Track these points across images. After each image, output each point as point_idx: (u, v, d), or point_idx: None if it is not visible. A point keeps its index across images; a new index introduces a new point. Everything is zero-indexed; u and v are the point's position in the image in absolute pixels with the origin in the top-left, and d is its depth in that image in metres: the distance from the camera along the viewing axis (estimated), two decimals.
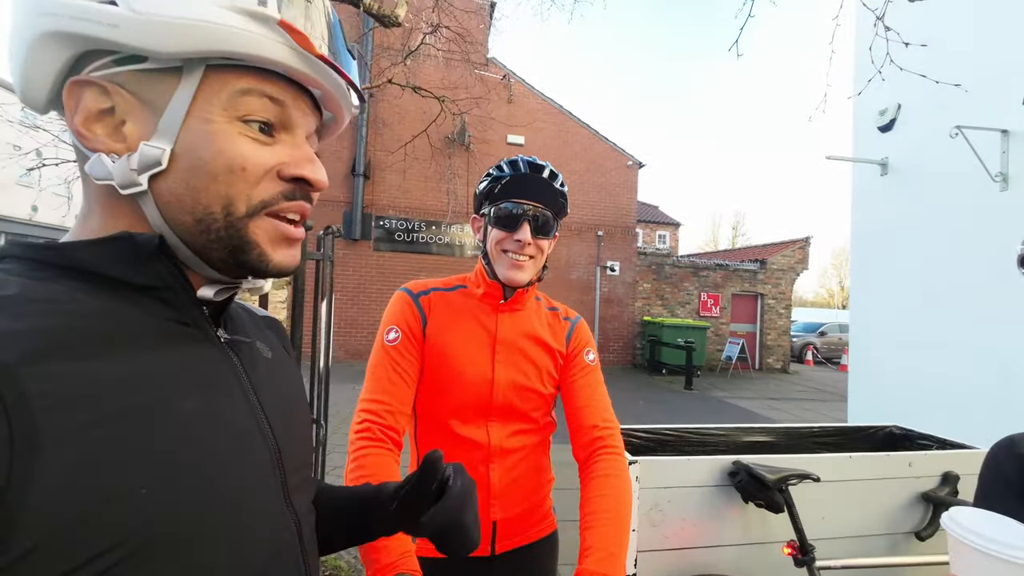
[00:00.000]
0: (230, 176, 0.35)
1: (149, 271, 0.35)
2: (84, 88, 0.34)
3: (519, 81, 10.15)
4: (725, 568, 1.42)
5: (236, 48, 0.34)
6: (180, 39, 0.32)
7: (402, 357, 0.85)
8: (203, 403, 0.36)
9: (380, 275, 9.35)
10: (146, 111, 0.34)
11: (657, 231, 23.23)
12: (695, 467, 1.46)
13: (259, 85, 0.36)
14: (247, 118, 0.36)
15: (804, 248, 11.82)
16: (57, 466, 0.27)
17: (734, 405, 7.19)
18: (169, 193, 0.35)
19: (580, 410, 0.90)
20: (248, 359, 0.43)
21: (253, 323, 0.50)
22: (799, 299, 37.23)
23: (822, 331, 15.18)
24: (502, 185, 0.87)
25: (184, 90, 0.34)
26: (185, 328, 0.38)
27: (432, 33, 2.76)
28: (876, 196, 4.62)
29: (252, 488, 0.38)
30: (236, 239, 0.37)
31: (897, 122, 4.52)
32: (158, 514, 0.30)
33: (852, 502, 1.54)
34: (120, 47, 0.33)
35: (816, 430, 1.99)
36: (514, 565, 0.90)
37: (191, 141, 0.35)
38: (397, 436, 0.80)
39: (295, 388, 0.51)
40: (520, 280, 0.88)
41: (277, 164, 0.37)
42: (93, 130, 0.34)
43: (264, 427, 0.41)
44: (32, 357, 0.28)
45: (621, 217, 10.66)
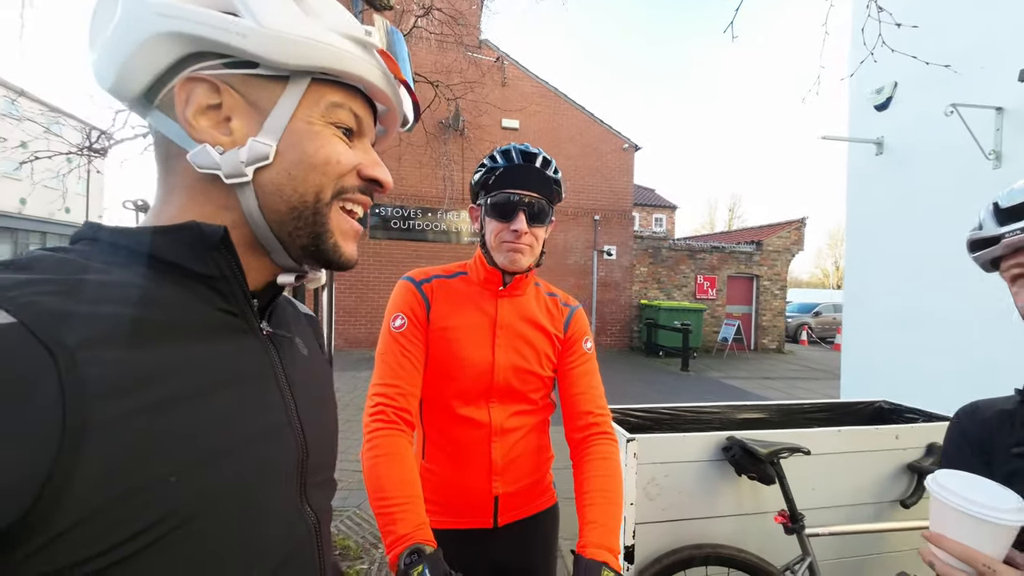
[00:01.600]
0: (326, 167, 0.40)
1: (209, 260, 0.37)
2: (197, 84, 0.37)
3: (513, 63, 9.97)
4: (720, 537, 1.49)
5: (344, 67, 0.39)
6: (300, 54, 0.37)
7: (409, 342, 0.88)
8: (239, 395, 0.37)
9: (377, 263, 9.34)
10: (251, 110, 0.39)
11: (654, 214, 23.18)
12: (690, 443, 1.51)
13: (348, 101, 0.42)
14: (337, 124, 0.42)
15: (800, 229, 11.85)
16: (101, 454, 0.28)
17: (729, 385, 7.32)
18: (270, 183, 0.39)
19: (576, 396, 0.95)
20: (287, 354, 0.45)
21: (295, 318, 0.52)
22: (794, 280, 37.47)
23: (817, 311, 15.35)
24: (496, 176, 0.88)
25: (290, 96, 0.39)
26: (232, 318, 0.39)
27: (424, 16, 2.71)
28: (871, 175, 4.64)
29: (274, 484, 0.39)
30: (319, 226, 0.41)
31: (893, 101, 4.51)
32: (183, 504, 0.31)
33: (841, 473, 1.61)
34: (241, 54, 0.36)
35: (807, 406, 2.05)
36: (517, 535, 0.95)
37: (295, 139, 0.39)
38: (409, 417, 0.84)
39: (327, 387, 0.52)
40: (520, 265, 0.91)
41: (359, 163, 0.43)
42: (200, 122, 0.37)
43: (295, 423, 0.42)
44: (92, 341, 0.29)
45: (617, 201, 10.63)
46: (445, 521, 0.90)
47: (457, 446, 0.91)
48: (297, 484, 0.42)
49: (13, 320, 0.27)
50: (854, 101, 4.88)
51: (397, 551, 0.68)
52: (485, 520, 0.93)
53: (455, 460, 0.92)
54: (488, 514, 0.93)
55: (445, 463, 0.92)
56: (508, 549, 0.94)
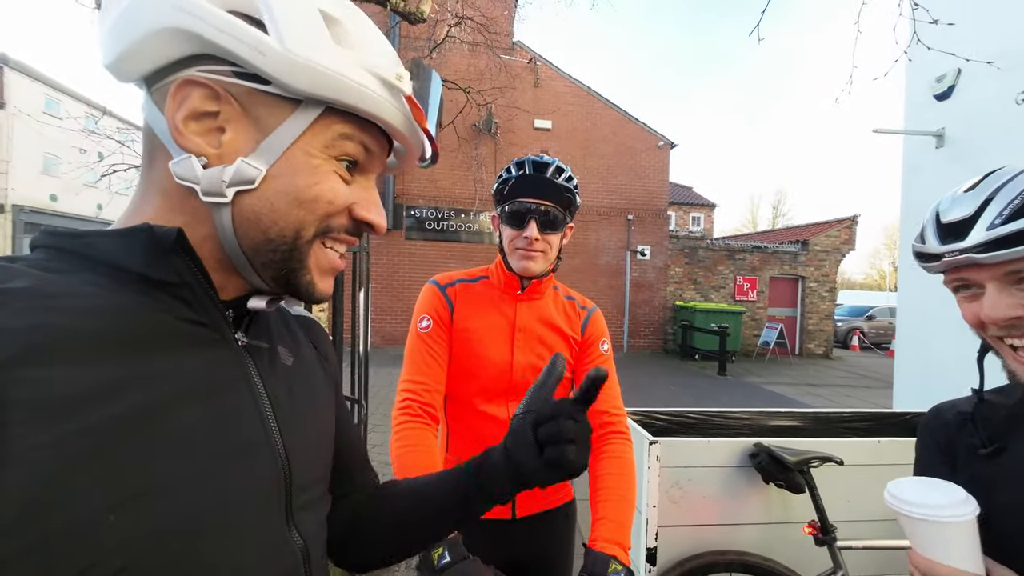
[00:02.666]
0: (315, 205, 0.37)
1: (166, 266, 0.34)
2: (196, 87, 0.34)
3: (545, 64, 9.98)
4: (745, 545, 1.46)
5: (365, 107, 0.37)
6: (317, 84, 0.34)
7: (434, 342, 0.95)
8: (203, 414, 0.34)
9: (412, 264, 9.63)
10: (250, 126, 0.35)
11: (691, 213, 22.45)
12: (715, 448, 1.50)
13: (359, 133, 0.39)
14: (341, 157, 0.38)
15: (851, 227, 11.14)
16: (19, 487, 0.24)
17: (768, 391, 7.00)
18: (249, 208, 0.35)
19: None
20: (267, 366, 0.41)
21: (283, 324, 0.49)
22: (847, 281, 35.07)
23: (870, 315, 14.36)
24: (510, 186, 0.93)
25: (297, 121, 0.36)
26: (201, 329, 0.36)
27: (457, 25, 2.80)
28: (930, 170, 4.32)
29: (248, 511, 0.35)
30: (295, 262, 0.38)
31: (956, 89, 4.18)
32: (125, 543, 0.28)
33: (880, 487, 1.52)
34: (255, 70, 0.33)
35: (847, 415, 1.96)
36: (534, 527, 1.00)
37: (289, 168, 0.36)
38: (434, 411, 0.90)
39: (318, 397, 0.48)
40: (532, 270, 0.96)
41: (353, 202, 0.40)
42: (190, 128, 0.34)
43: (274, 440, 0.39)
44: (20, 359, 0.26)
45: (652, 200, 10.40)
46: None
47: (478, 440, 0.97)
48: (281, 508, 0.38)
49: None
50: (911, 91, 4.56)
51: None
52: (504, 512, 0.97)
53: (476, 452, 0.96)
54: (506, 506, 0.97)
55: (467, 455, 0.96)
56: (526, 541, 0.98)
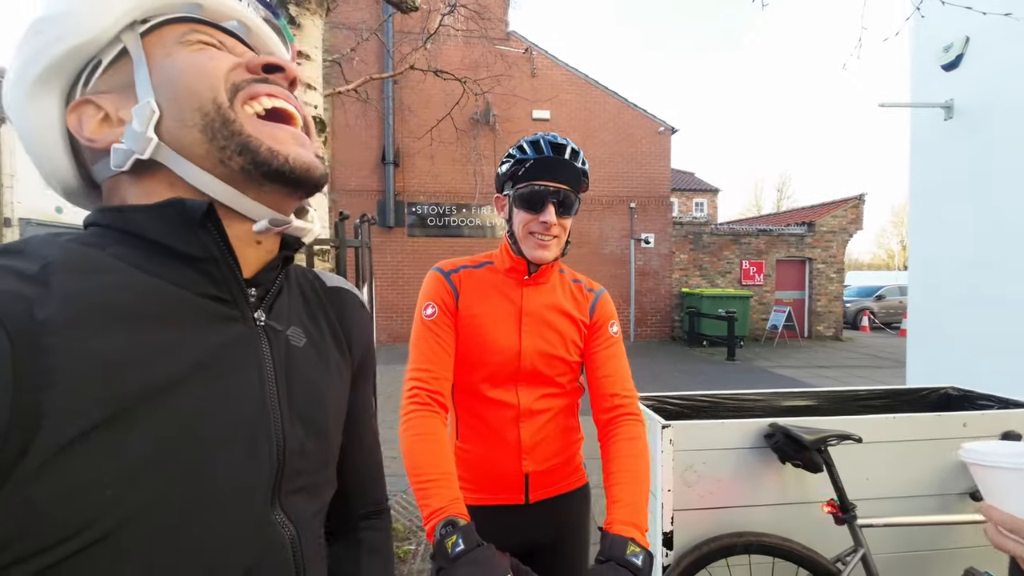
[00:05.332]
0: (204, 75, 0.37)
1: (196, 240, 0.35)
2: (78, 110, 0.38)
3: (542, 53, 9.85)
4: (763, 527, 1.44)
5: (137, 3, 0.38)
6: (100, 14, 0.36)
7: (440, 329, 0.92)
8: (209, 391, 0.34)
9: (416, 260, 9.61)
10: (124, 94, 0.38)
11: (694, 199, 22.26)
12: (729, 430, 1.47)
13: (190, 29, 0.40)
14: (200, 43, 0.40)
15: (857, 207, 10.97)
16: (49, 443, 0.27)
17: (778, 374, 6.95)
18: (174, 124, 0.37)
19: (603, 379, 0.96)
20: (280, 345, 0.42)
21: (315, 299, 0.49)
22: (854, 262, 34.62)
23: (879, 295, 14.20)
24: (526, 167, 0.90)
25: (135, 57, 0.38)
26: (221, 306, 0.37)
27: (450, 13, 2.75)
28: (939, 143, 4.22)
29: (229, 491, 0.35)
30: (238, 135, 0.37)
31: (964, 58, 4.07)
32: (119, 509, 0.29)
33: (900, 464, 1.51)
34: (74, 54, 0.37)
35: (863, 393, 1.93)
36: (548, 512, 0.98)
37: (163, 80, 0.37)
38: (442, 399, 0.88)
39: (326, 379, 0.47)
40: (546, 258, 0.93)
41: (240, 61, 0.40)
42: (99, 134, 0.37)
43: (275, 423, 0.39)
44: (51, 325, 0.28)
45: (654, 187, 10.29)
46: (479, 498, 0.95)
47: (488, 427, 0.95)
48: (267, 490, 0.38)
49: None
50: (917, 62, 4.45)
51: (433, 523, 0.72)
52: (517, 496, 0.96)
53: (486, 440, 0.95)
54: (519, 491, 0.96)
55: (477, 443, 0.96)
56: (540, 525, 0.97)
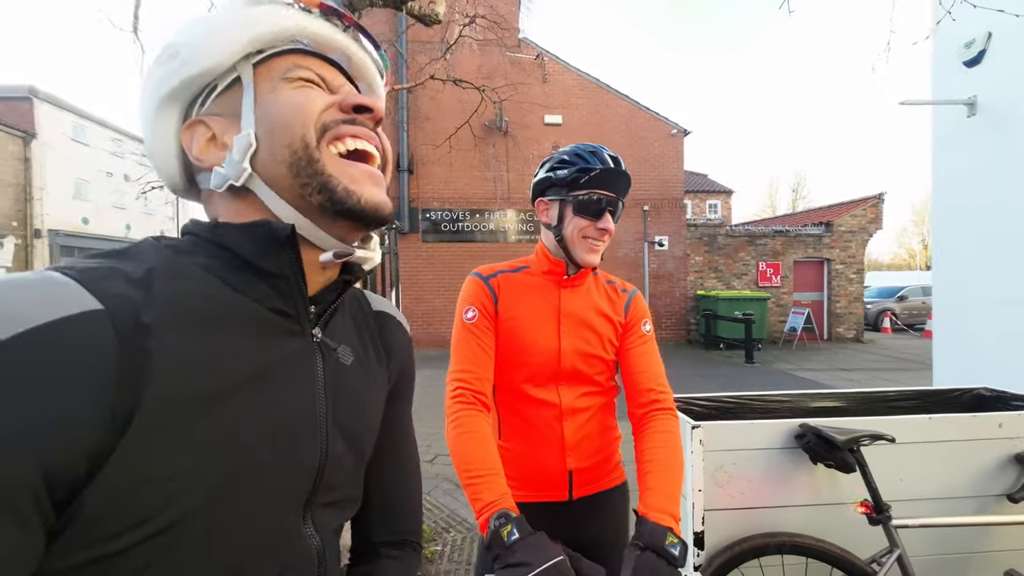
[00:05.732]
0: (299, 111, 0.41)
1: (276, 258, 0.39)
2: (192, 128, 0.42)
3: (553, 59, 9.93)
4: (795, 527, 1.44)
5: (257, 31, 0.41)
6: (218, 47, 0.40)
7: (481, 332, 0.96)
8: (269, 399, 0.37)
9: (430, 265, 9.72)
10: (232, 121, 0.42)
11: (707, 200, 22.06)
12: (759, 431, 1.48)
13: (299, 63, 0.43)
14: (302, 79, 0.43)
15: (877, 206, 10.76)
16: (131, 447, 0.29)
17: (799, 377, 6.83)
18: (268, 157, 0.40)
19: (637, 375, 0.99)
20: (331, 361, 0.45)
21: (361, 320, 0.52)
22: (874, 262, 33.75)
23: (901, 295, 13.87)
24: (590, 176, 0.94)
25: (246, 87, 0.42)
26: (285, 320, 0.40)
27: (469, 24, 2.82)
28: (962, 140, 4.15)
29: (272, 498, 0.37)
30: (320, 175, 0.40)
31: (987, 54, 4.01)
32: (178, 508, 0.31)
33: (934, 464, 1.50)
34: (193, 81, 0.41)
35: (892, 394, 1.91)
36: (590, 508, 1.01)
37: (264, 114, 0.41)
38: (485, 399, 0.92)
39: (368, 399, 0.49)
40: (595, 262, 0.99)
41: (335, 100, 0.42)
42: (206, 155, 0.42)
43: (321, 437, 0.41)
44: (162, 324, 0.32)
45: (667, 189, 10.25)
46: (524, 495, 0.97)
47: (531, 426, 0.98)
48: (303, 501, 0.40)
49: (99, 307, 0.30)
50: (938, 59, 4.38)
51: (487, 516, 0.76)
52: (561, 493, 0.99)
53: (530, 439, 0.99)
54: (564, 488, 0.99)
55: (520, 442, 0.99)
56: (583, 522, 1.00)
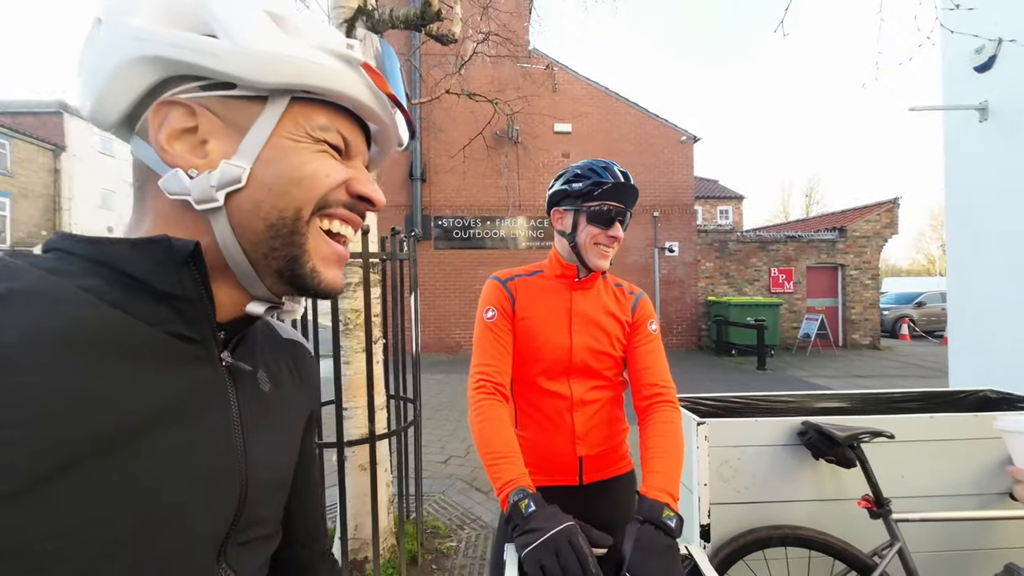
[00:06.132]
0: (313, 181, 0.38)
1: (174, 278, 0.34)
2: (172, 108, 0.35)
3: (562, 68, 10.10)
4: (798, 521, 1.50)
5: (324, 84, 0.37)
6: (275, 71, 0.35)
7: (500, 330, 1.07)
8: (178, 437, 0.33)
9: (442, 272, 9.88)
10: (229, 131, 0.36)
11: (718, 207, 21.95)
12: (763, 427, 1.54)
13: (334, 122, 0.40)
14: (324, 145, 0.40)
15: (892, 211, 10.63)
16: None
17: (813, 384, 6.78)
18: (248, 201, 0.36)
19: (643, 370, 1.08)
20: (246, 389, 0.41)
21: (270, 347, 0.48)
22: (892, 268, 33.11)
23: (919, 301, 13.60)
24: (603, 189, 1.04)
25: (269, 116, 0.37)
26: (190, 346, 0.36)
27: (483, 41, 2.96)
28: (974, 145, 4.15)
29: (187, 545, 0.33)
30: (296, 247, 0.38)
31: (997, 59, 4.02)
32: (61, 571, 0.27)
33: (936, 462, 1.54)
34: (217, 75, 0.35)
35: (898, 395, 1.95)
36: (599, 493, 1.10)
37: (272, 159, 0.37)
38: (504, 391, 1.02)
39: (288, 428, 0.46)
40: (605, 267, 1.09)
41: (349, 178, 0.41)
42: (174, 147, 0.35)
43: (239, 470, 0.38)
44: (11, 362, 0.26)
45: (677, 195, 10.29)
46: (539, 480, 1.06)
47: (545, 415, 1.08)
48: (217, 542, 0.36)
49: None
50: (949, 64, 4.40)
51: (507, 492, 0.85)
52: (572, 478, 1.08)
53: (543, 428, 1.08)
54: (574, 472, 1.08)
55: (535, 430, 1.09)
56: (593, 505, 1.08)
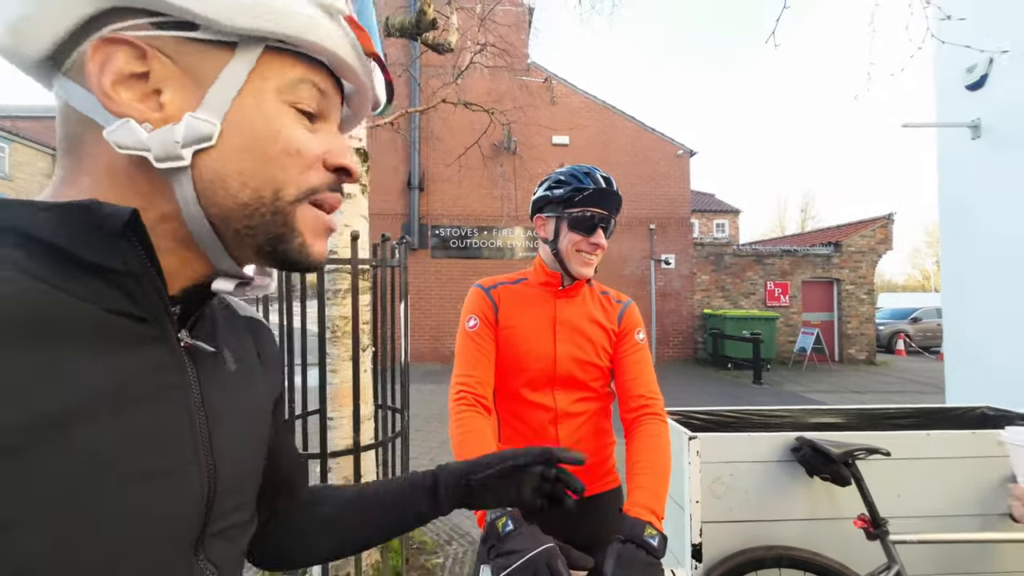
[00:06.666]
0: (286, 159, 0.34)
1: (110, 251, 0.29)
2: (117, 47, 0.30)
3: (560, 82, 10.22)
4: (792, 540, 1.45)
5: (305, 35, 0.33)
6: (251, 15, 0.31)
7: (482, 339, 1.03)
8: (127, 426, 0.29)
9: (438, 281, 9.84)
10: (187, 81, 0.31)
11: (714, 220, 22.08)
12: (756, 443, 1.50)
13: (311, 75, 0.35)
14: (297, 105, 0.35)
15: (886, 226, 10.72)
16: None
17: (810, 399, 6.73)
18: (212, 172, 0.32)
19: (630, 381, 1.04)
20: (208, 371, 0.37)
21: (230, 325, 0.44)
22: (887, 283, 33.24)
23: (915, 317, 13.63)
24: (584, 195, 1.01)
25: (238, 66, 0.32)
26: (139, 325, 0.31)
27: (480, 52, 2.98)
28: (968, 162, 4.19)
29: (150, 541, 0.30)
30: (281, 226, 0.35)
31: (989, 77, 4.08)
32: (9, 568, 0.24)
33: (934, 481, 1.50)
34: (177, 11, 0.30)
35: (893, 411, 1.91)
36: (584, 509, 1.03)
37: (243, 119, 0.32)
38: (486, 402, 0.98)
39: (257, 409, 0.43)
40: (589, 274, 1.05)
41: (324, 152, 0.36)
42: (121, 94, 0.30)
43: (204, 459, 0.34)
44: None
45: (674, 208, 10.34)
46: None
47: (528, 427, 1.03)
48: (192, 536, 0.34)
49: None
50: (941, 82, 4.47)
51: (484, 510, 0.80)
52: None
53: (527, 440, 1.03)
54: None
55: (518, 442, 1.04)
56: (577, 522, 1.02)
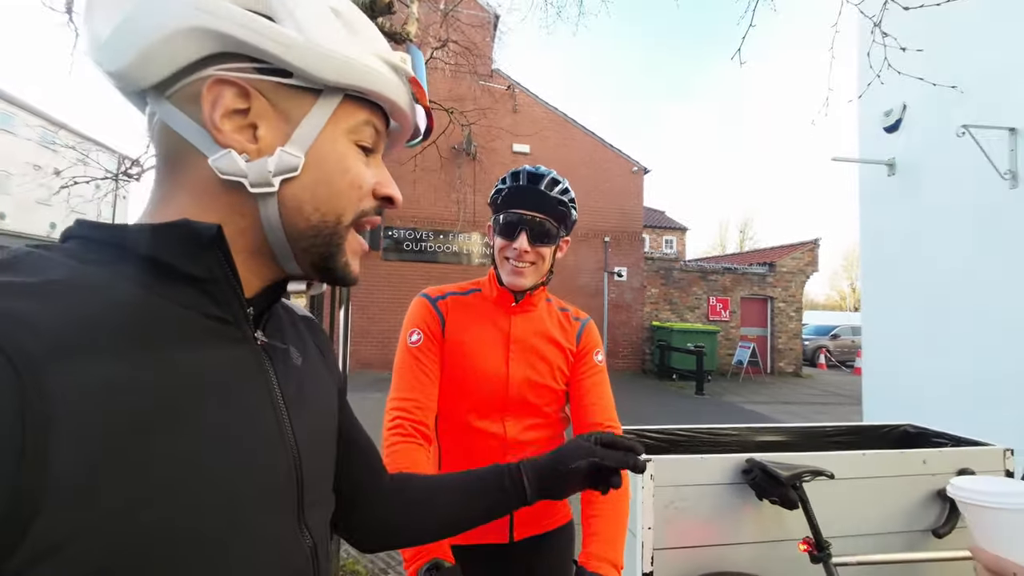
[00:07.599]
0: (350, 191, 0.41)
1: (199, 261, 0.34)
2: (226, 87, 0.35)
3: (524, 91, 10.30)
4: (742, 565, 1.43)
5: (380, 90, 0.40)
6: (341, 72, 0.37)
7: (425, 356, 0.90)
8: (227, 412, 0.34)
9: (389, 284, 9.46)
10: (279, 119, 0.37)
11: (664, 236, 23.20)
12: (709, 465, 1.48)
13: (372, 118, 0.42)
14: (359, 143, 0.42)
15: (813, 250, 11.74)
16: (61, 483, 0.25)
17: (748, 410, 7.12)
18: (293, 198, 0.38)
19: (587, 407, 0.95)
20: (282, 365, 0.42)
21: (291, 324, 0.49)
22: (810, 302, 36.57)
23: (834, 334, 15.01)
24: (503, 196, 0.92)
25: (321, 109, 0.38)
26: (224, 326, 0.37)
27: (441, 48, 2.86)
28: (884, 196, 4.62)
29: (263, 511, 0.35)
30: (334, 246, 0.41)
31: (903, 123, 4.53)
32: (148, 538, 0.28)
33: (868, 500, 1.55)
34: (280, 63, 0.35)
35: (830, 429, 1.99)
36: (532, 552, 0.94)
37: (321, 155, 0.39)
38: (426, 430, 0.85)
39: (324, 397, 0.49)
40: (521, 285, 0.93)
41: (375, 183, 0.43)
42: (225, 125, 0.35)
43: (289, 440, 0.39)
44: (61, 351, 0.26)
45: (628, 223, 10.69)
46: (463, 537, 0.89)
47: (473, 459, 0.91)
48: (293, 507, 0.39)
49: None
50: (864, 122, 4.92)
51: (416, 565, 0.68)
52: (501, 535, 0.92)
53: None
54: (504, 528, 0.92)
55: None
56: (524, 565, 0.93)
